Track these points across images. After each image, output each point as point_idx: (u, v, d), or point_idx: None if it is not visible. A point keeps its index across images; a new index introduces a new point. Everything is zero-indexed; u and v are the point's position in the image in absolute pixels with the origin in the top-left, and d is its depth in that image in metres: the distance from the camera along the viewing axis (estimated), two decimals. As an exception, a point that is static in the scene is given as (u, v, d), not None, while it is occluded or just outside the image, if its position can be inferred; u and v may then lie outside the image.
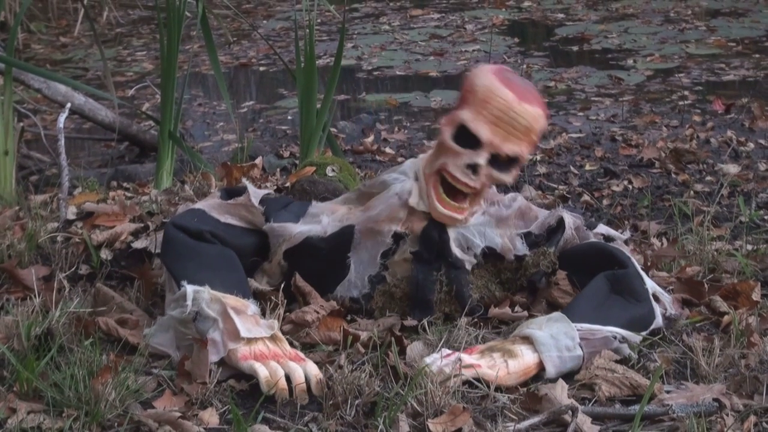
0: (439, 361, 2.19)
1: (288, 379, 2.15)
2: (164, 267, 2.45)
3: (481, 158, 2.41)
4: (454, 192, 2.46)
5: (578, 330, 2.28)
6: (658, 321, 2.44)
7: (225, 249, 2.47)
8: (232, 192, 2.62)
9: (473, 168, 2.42)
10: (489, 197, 2.57)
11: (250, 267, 2.55)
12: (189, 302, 2.27)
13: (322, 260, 2.51)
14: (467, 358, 2.21)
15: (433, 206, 2.47)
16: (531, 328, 2.29)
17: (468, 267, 2.52)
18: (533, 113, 2.41)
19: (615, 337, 2.31)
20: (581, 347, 2.26)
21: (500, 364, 2.21)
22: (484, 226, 2.54)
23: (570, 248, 2.58)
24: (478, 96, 2.41)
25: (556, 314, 2.32)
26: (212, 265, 2.40)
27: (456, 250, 2.51)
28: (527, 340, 2.27)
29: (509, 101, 2.39)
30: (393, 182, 2.54)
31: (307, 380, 2.15)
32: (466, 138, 2.42)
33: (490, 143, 2.40)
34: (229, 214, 2.56)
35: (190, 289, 2.29)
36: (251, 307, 2.29)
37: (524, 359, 2.24)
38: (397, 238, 2.50)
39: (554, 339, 2.25)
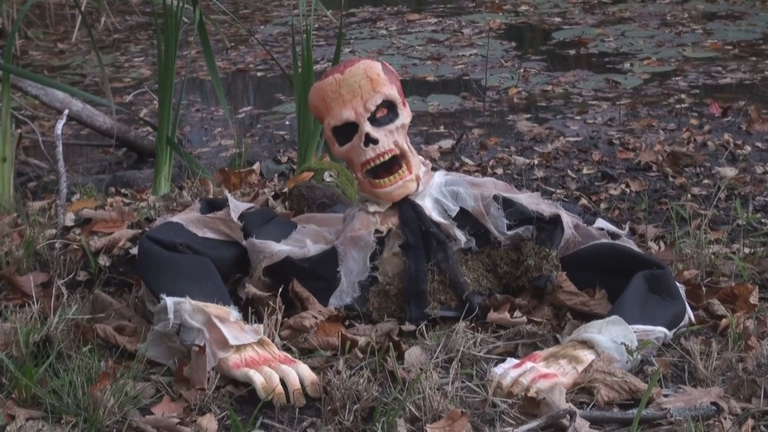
0: (512, 372, 2.19)
1: (282, 382, 2.15)
2: (141, 280, 2.46)
3: (365, 128, 2.50)
4: (385, 170, 2.52)
5: (634, 332, 2.30)
6: (690, 316, 2.48)
7: (199, 257, 2.47)
8: (213, 204, 2.64)
9: (368, 140, 2.50)
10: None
11: (233, 281, 2.55)
12: (171, 315, 2.27)
13: (306, 278, 2.53)
14: (540, 367, 2.20)
15: (382, 194, 2.52)
16: (590, 332, 2.29)
17: (457, 242, 2.53)
18: (360, 66, 2.52)
19: (665, 336, 2.36)
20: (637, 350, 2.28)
21: (570, 371, 2.21)
22: (457, 185, 2.58)
23: (585, 250, 2.57)
24: (316, 102, 2.55)
25: (614, 317, 2.32)
26: (189, 274, 2.40)
27: (436, 217, 2.54)
28: (587, 344, 2.27)
29: (335, 78, 2.51)
30: (353, 208, 2.62)
31: (302, 382, 2.16)
32: (345, 134, 2.52)
33: (356, 113, 2.50)
34: (208, 228, 2.57)
35: (170, 301, 2.29)
36: (233, 313, 2.30)
37: None
38: (381, 238, 2.53)
39: (615, 343, 2.26)
